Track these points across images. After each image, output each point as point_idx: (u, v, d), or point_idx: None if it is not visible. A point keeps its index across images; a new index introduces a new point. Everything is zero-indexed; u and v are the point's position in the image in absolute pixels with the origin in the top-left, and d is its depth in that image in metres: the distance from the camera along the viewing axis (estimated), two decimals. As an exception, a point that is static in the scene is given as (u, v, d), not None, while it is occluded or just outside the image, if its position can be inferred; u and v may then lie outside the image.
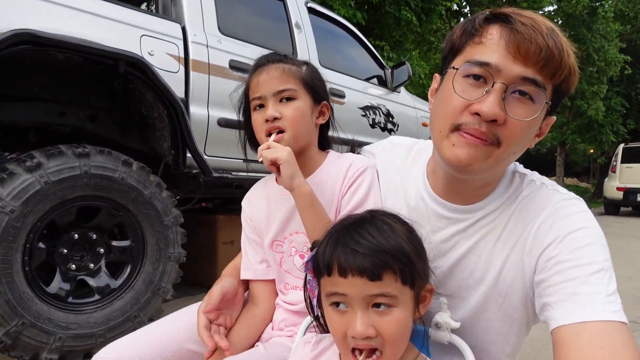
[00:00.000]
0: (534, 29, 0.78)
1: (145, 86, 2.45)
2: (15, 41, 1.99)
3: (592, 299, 0.77)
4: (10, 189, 1.99)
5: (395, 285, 0.76)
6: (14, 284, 2.00)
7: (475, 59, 0.82)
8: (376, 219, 0.82)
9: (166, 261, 2.48)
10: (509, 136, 0.82)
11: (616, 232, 8.90)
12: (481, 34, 0.83)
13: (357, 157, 1.18)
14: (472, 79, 0.83)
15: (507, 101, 0.81)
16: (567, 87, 0.85)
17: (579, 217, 0.87)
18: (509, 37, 0.80)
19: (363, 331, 0.74)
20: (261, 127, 1.12)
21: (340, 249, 0.77)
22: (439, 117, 0.88)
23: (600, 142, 17.18)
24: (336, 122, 1.29)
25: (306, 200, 1.03)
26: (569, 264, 0.82)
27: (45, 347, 2.07)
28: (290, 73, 1.12)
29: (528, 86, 0.80)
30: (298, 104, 1.11)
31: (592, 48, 14.22)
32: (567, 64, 0.81)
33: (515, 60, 0.79)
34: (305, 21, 3.64)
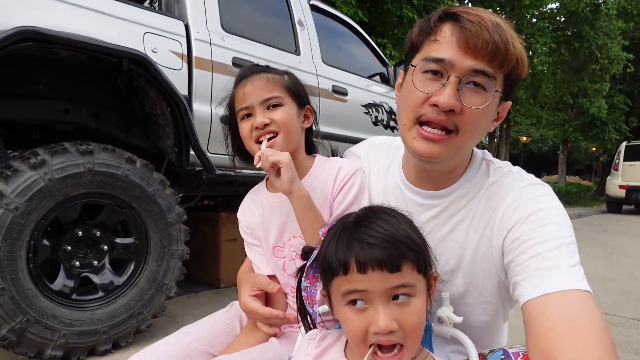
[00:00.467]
0: (480, 25, 0.86)
1: (148, 83, 2.45)
2: (19, 38, 1.99)
3: (554, 272, 0.81)
4: (14, 186, 1.99)
5: (413, 275, 0.77)
6: (19, 281, 2.01)
7: (431, 56, 0.90)
8: (380, 212, 0.83)
9: (169, 258, 2.48)
10: (466, 123, 0.90)
11: (618, 230, 8.89)
12: (436, 32, 0.92)
13: (345, 161, 1.21)
14: (430, 74, 0.91)
15: (462, 92, 0.89)
16: (517, 74, 0.92)
17: (540, 200, 0.93)
18: (459, 34, 0.88)
19: (387, 325, 0.73)
20: (250, 135, 1.15)
21: (357, 245, 0.76)
22: (403, 111, 0.97)
23: (603, 140, 17.14)
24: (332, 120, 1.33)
25: (304, 203, 1.06)
26: (531, 242, 0.87)
27: (50, 343, 2.08)
28: (274, 82, 1.16)
29: (479, 77, 0.88)
30: (286, 109, 1.15)
31: (594, 45, 14.17)
32: (513, 54, 0.88)
33: (466, 54, 0.88)
34: (308, 18, 3.63)
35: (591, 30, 14.15)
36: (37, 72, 2.38)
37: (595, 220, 10.88)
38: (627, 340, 2.79)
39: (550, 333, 0.75)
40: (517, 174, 1.01)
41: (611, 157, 15.69)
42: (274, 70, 1.20)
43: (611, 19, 14.46)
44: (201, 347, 1.12)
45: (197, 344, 1.12)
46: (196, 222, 3.47)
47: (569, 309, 0.76)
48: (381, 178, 1.16)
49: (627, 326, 3.05)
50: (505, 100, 0.97)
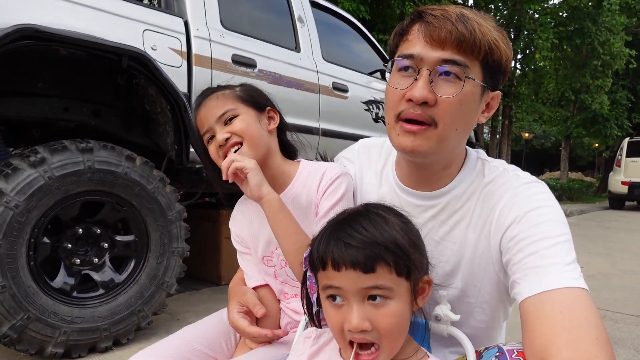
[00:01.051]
0: (443, 17, 0.89)
1: (148, 81, 2.45)
2: (18, 36, 1.99)
3: (551, 270, 0.82)
4: (14, 184, 2.00)
5: (390, 277, 0.76)
6: (19, 279, 2.01)
7: (402, 53, 0.94)
8: (370, 213, 0.82)
9: (170, 256, 2.49)
10: (443, 114, 0.91)
11: (621, 226, 8.87)
12: (407, 33, 0.95)
13: (330, 165, 1.19)
14: (403, 71, 0.94)
15: (435, 84, 0.90)
16: (494, 60, 0.92)
17: (536, 198, 0.94)
18: (425, 29, 0.91)
19: (358, 324, 0.75)
20: (218, 155, 1.14)
21: (334, 243, 0.78)
22: (386, 111, 0.99)
23: (605, 136, 17.10)
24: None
25: (274, 208, 1.05)
26: (528, 240, 0.87)
27: (51, 340, 2.09)
28: (224, 97, 1.16)
29: (450, 66, 0.89)
30: (242, 117, 1.14)
31: (597, 41, 14.11)
32: (482, 41, 0.89)
33: (432, 47, 0.90)
34: (308, 15, 3.62)
35: (593, 26, 14.07)
36: (37, 70, 2.38)
37: (598, 216, 10.86)
38: (628, 337, 2.78)
39: (547, 330, 0.75)
40: (512, 173, 1.01)
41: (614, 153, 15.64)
42: (225, 87, 1.20)
43: (614, 15, 14.38)
44: (200, 347, 1.12)
45: (196, 344, 1.12)
46: (197, 220, 3.48)
47: (565, 307, 0.76)
48: (375, 181, 1.16)
49: (628, 323, 3.04)
50: (493, 90, 0.97)
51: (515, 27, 15.14)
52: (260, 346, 1.13)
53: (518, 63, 17.23)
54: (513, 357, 0.81)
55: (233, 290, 1.24)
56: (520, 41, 14.72)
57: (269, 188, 1.06)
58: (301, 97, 3.38)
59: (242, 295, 1.18)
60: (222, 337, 1.18)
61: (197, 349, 1.11)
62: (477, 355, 0.88)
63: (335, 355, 0.87)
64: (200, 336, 1.15)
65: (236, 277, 1.31)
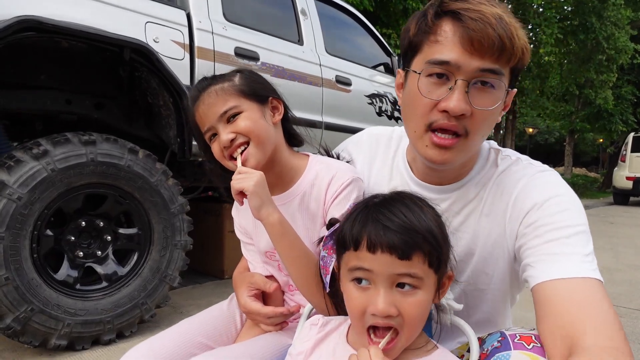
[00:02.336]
0: (483, 22, 0.82)
1: (150, 74, 2.44)
2: (20, 28, 1.98)
3: (570, 258, 0.82)
4: (17, 177, 2.00)
5: (423, 267, 0.75)
6: (23, 271, 2.02)
7: (435, 59, 0.86)
8: (405, 199, 0.81)
9: (173, 249, 2.49)
10: (476, 125, 0.88)
11: (625, 221, 8.83)
12: (435, 32, 0.87)
13: (340, 168, 1.11)
14: (435, 78, 0.87)
15: (471, 94, 0.85)
16: (522, 64, 0.90)
17: (554, 185, 0.93)
18: (462, 34, 0.83)
19: (385, 309, 0.73)
20: (222, 155, 1.09)
21: (372, 224, 0.76)
22: (413, 118, 0.93)
23: (610, 131, 17.00)
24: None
25: (276, 230, 0.98)
26: (548, 227, 0.87)
27: (54, 333, 2.09)
28: (224, 92, 1.08)
29: (487, 76, 0.85)
30: (246, 115, 1.07)
31: (601, 36, 14.00)
32: (519, 47, 0.85)
33: (472, 55, 0.83)
34: (311, 8, 3.60)
35: (598, 20, 13.96)
36: (39, 62, 2.37)
37: (602, 211, 10.82)
38: (633, 331, 2.77)
39: (573, 314, 0.75)
40: (525, 161, 1.00)
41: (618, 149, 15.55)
42: (222, 78, 1.12)
43: (619, 9, 14.26)
44: (202, 339, 1.11)
45: (197, 336, 1.11)
46: (200, 214, 3.48)
47: (587, 295, 0.77)
48: (385, 173, 1.13)
49: (632, 317, 3.03)
50: (510, 89, 0.94)
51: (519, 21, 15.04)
52: (275, 328, 1.12)
53: (522, 58, 17.11)
54: (515, 341, 0.81)
55: (238, 279, 1.23)
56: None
57: (269, 209, 0.99)
58: (304, 90, 3.36)
59: (250, 278, 1.17)
60: (223, 328, 1.18)
61: (197, 340, 1.10)
62: (479, 341, 0.87)
63: (341, 342, 0.86)
64: (200, 328, 1.14)
65: (240, 266, 1.30)
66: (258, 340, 1.09)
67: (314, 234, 1.09)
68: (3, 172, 1.99)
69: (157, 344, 1.07)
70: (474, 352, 0.84)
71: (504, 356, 0.80)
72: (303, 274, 0.98)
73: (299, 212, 1.12)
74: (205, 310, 1.24)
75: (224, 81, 1.10)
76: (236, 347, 1.05)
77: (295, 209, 1.12)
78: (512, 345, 0.81)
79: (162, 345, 1.06)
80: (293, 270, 1.00)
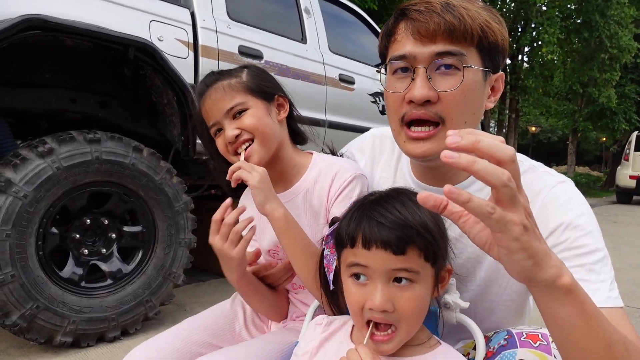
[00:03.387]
0: (428, 10, 0.86)
1: (154, 72, 2.45)
2: (25, 26, 1.99)
3: (599, 287, 0.82)
4: (23, 174, 2.01)
5: (419, 262, 0.76)
6: (28, 268, 2.03)
7: (394, 55, 0.91)
8: (401, 195, 0.81)
9: (177, 247, 2.50)
10: (448, 110, 0.88)
11: (628, 220, 8.81)
12: (394, 33, 0.92)
13: (343, 165, 1.12)
14: (399, 73, 0.91)
15: (434, 79, 0.87)
16: (490, 42, 0.89)
17: (577, 202, 0.91)
18: (411, 26, 0.88)
19: (381, 304, 0.74)
20: (226, 150, 1.10)
21: (366, 221, 0.77)
22: (389, 117, 0.96)
23: (613, 130, 16.95)
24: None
25: (280, 224, 1.00)
26: (575, 252, 0.86)
27: (60, 330, 2.11)
28: (231, 88, 1.09)
29: (446, 58, 0.86)
30: (252, 112, 1.08)
31: (605, 35, 13.95)
32: (472, 25, 0.86)
33: (423, 43, 0.87)
34: (314, 6, 3.60)
35: (602, 19, 13.91)
36: (43, 61, 2.38)
37: (605, 210, 10.80)
38: (636, 330, 2.77)
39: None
40: (542, 169, 0.97)
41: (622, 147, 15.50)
42: (229, 74, 1.13)
43: (623, 7, 14.21)
44: (204, 338, 1.11)
45: (201, 335, 1.11)
46: (204, 212, 3.48)
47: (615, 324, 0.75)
48: (388, 174, 1.12)
49: (635, 316, 3.03)
50: (495, 72, 0.94)
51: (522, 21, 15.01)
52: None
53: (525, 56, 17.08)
54: (522, 339, 0.81)
55: None
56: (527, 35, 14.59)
57: (274, 204, 1.00)
58: (308, 88, 3.37)
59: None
60: (226, 326, 1.17)
61: (201, 339, 1.10)
62: (485, 339, 0.87)
63: (346, 342, 0.86)
64: (202, 326, 1.13)
65: None
66: (263, 340, 1.09)
67: (317, 231, 1.10)
68: (9, 170, 2.00)
69: (162, 343, 1.07)
70: (480, 350, 0.84)
71: (510, 354, 0.80)
72: (308, 269, 0.99)
73: (302, 209, 1.12)
74: (209, 309, 1.24)
75: (232, 77, 1.11)
76: (241, 347, 1.05)
77: (299, 206, 1.13)
78: (518, 344, 0.81)
79: (167, 344, 1.06)
80: (298, 264, 1.01)
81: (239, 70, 1.15)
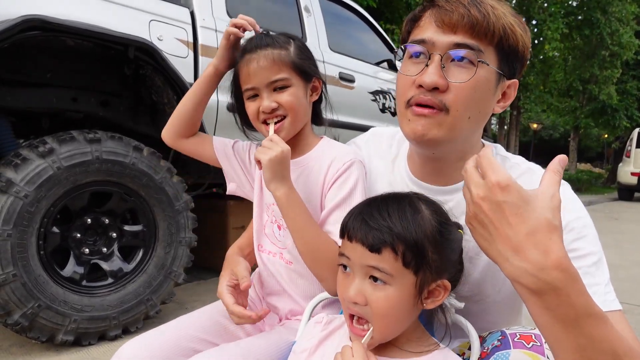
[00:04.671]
0: (455, 1, 0.87)
1: (154, 71, 2.46)
2: (25, 27, 2.00)
3: (595, 291, 0.81)
4: (24, 174, 2.02)
5: (394, 265, 0.77)
6: (30, 267, 2.04)
7: (413, 39, 0.92)
8: (408, 201, 0.82)
9: (177, 245, 2.51)
10: (455, 100, 0.88)
11: (630, 217, 8.81)
12: (419, 19, 0.94)
13: (341, 151, 1.15)
14: (415, 58, 0.92)
15: (448, 69, 0.88)
16: (510, 45, 0.89)
17: (574, 206, 0.92)
18: (436, 14, 0.89)
19: (353, 296, 0.79)
20: (257, 117, 1.13)
21: (355, 217, 0.82)
22: (397, 99, 0.97)
23: (614, 127, 16.91)
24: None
25: (281, 203, 1.04)
26: (571, 254, 0.83)
27: (61, 328, 2.12)
28: (280, 60, 1.10)
29: (462, 50, 0.87)
30: (293, 90, 1.11)
31: (605, 32, 13.91)
32: (496, 24, 0.86)
33: (444, 31, 0.88)
34: (314, 5, 3.60)
35: (603, 16, 13.87)
36: (45, 60, 2.39)
37: (606, 207, 10.79)
38: (635, 328, 2.76)
39: None
40: (539, 173, 0.97)
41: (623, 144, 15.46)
42: (280, 43, 1.13)
43: (624, 4, 14.16)
44: (200, 334, 1.11)
45: (196, 331, 1.11)
46: (205, 211, 3.49)
47: None
48: (385, 171, 1.13)
49: (635, 313, 3.04)
50: (509, 78, 0.94)
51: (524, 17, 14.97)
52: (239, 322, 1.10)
53: (527, 53, 17.00)
54: (515, 340, 0.82)
55: (229, 259, 1.23)
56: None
57: (277, 184, 1.03)
58: (308, 87, 3.36)
59: (235, 266, 1.16)
60: (222, 324, 1.17)
61: (194, 335, 1.10)
62: (480, 340, 0.88)
63: (345, 340, 0.87)
64: (197, 322, 1.14)
65: (235, 244, 1.30)
66: (260, 338, 1.10)
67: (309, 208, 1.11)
68: (10, 170, 2.01)
69: (155, 338, 1.07)
70: (475, 350, 0.85)
71: (503, 355, 0.80)
72: (308, 246, 1.02)
73: (300, 184, 1.14)
74: (205, 307, 1.24)
75: (282, 48, 1.12)
76: (238, 345, 1.05)
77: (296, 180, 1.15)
78: (512, 344, 0.81)
79: (160, 339, 1.07)
80: (298, 241, 1.04)
81: (286, 41, 1.15)
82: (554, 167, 0.70)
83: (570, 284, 0.62)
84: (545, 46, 13.72)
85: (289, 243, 1.13)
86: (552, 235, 0.63)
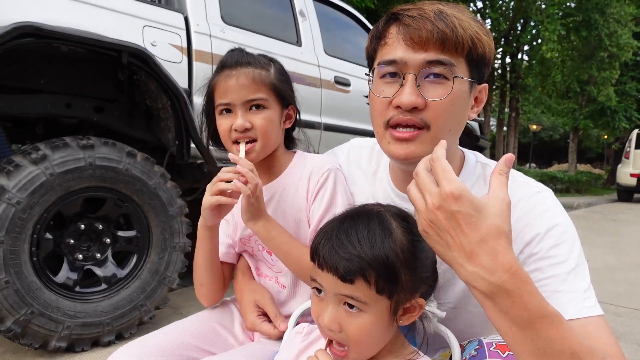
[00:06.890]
0: (421, 17, 0.86)
1: (148, 77, 2.46)
2: (18, 34, 2.00)
3: (572, 297, 0.83)
4: (16, 181, 2.02)
5: (368, 293, 0.75)
6: (22, 274, 2.04)
7: (384, 59, 0.91)
8: (375, 219, 0.80)
9: (171, 251, 2.51)
10: (434, 117, 0.88)
11: (629, 219, 8.80)
12: (384, 36, 0.92)
13: (317, 163, 1.15)
14: (387, 77, 0.91)
15: (423, 87, 0.88)
16: (479, 54, 0.90)
17: (554, 212, 0.92)
18: (404, 32, 0.88)
19: (328, 324, 0.77)
20: (228, 134, 1.10)
21: (327, 244, 0.79)
22: (374, 119, 0.97)
23: (613, 128, 16.93)
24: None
25: (261, 236, 1.06)
26: (549, 261, 0.87)
27: (54, 335, 2.12)
28: (260, 80, 1.09)
29: (436, 67, 0.87)
30: (268, 114, 1.10)
31: (604, 33, 13.93)
32: (463, 36, 0.86)
33: (414, 49, 0.87)
34: (309, 9, 3.61)
35: (601, 17, 13.89)
36: (39, 66, 2.39)
37: (605, 209, 10.78)
38: (631, 331, 2.77)
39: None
40: (520, 179, 0.98)
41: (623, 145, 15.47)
42: (261, 63, 1.12)
43: (622, 5, 14.18)
44: (192, 340, 1.11)
45: (187, 337, 1.11)
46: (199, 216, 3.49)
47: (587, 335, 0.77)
48: (366, 184, 1.13)
49: (631, 317, 3.03)
50: (479, 83, 0.95)
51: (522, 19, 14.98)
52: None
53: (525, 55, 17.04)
54: (491, 349, 0.82)
55: (242, 286, 1.23)
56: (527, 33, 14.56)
57: (250, 215, 1.04)
58: (303, 91, 3.36)
59: (261, 298, 1.17)
60: (214, 330, 1.18)
61: (187, 342, 1.10)
62: (461, 348, 0.88)
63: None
64: (190, 328, 1.14)
65: (241, 266, 1.29)
66: (248, 349, 1.10)
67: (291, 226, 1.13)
68: (2, 176, 2.01)
69: (148, 344, 1.07)
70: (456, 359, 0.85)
71: None
72: (299, 266, 1.05)
73: (279, 203, 1.15)
74: (198, 313, 1.25)
75: (262, 68, 1.11)
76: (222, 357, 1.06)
77: (277, 201, 1.16)
78: (487, 354, 0.82)
79: (152, 345, 1.07)
80: (288, 264, 1.08)
81: (268, 62, 1.14)
82: (500, 169, 0.73)
83: (521, 285, 0.66)
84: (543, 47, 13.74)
85: (283, 266, 1.13)
86: (501, 241, 0.67)
